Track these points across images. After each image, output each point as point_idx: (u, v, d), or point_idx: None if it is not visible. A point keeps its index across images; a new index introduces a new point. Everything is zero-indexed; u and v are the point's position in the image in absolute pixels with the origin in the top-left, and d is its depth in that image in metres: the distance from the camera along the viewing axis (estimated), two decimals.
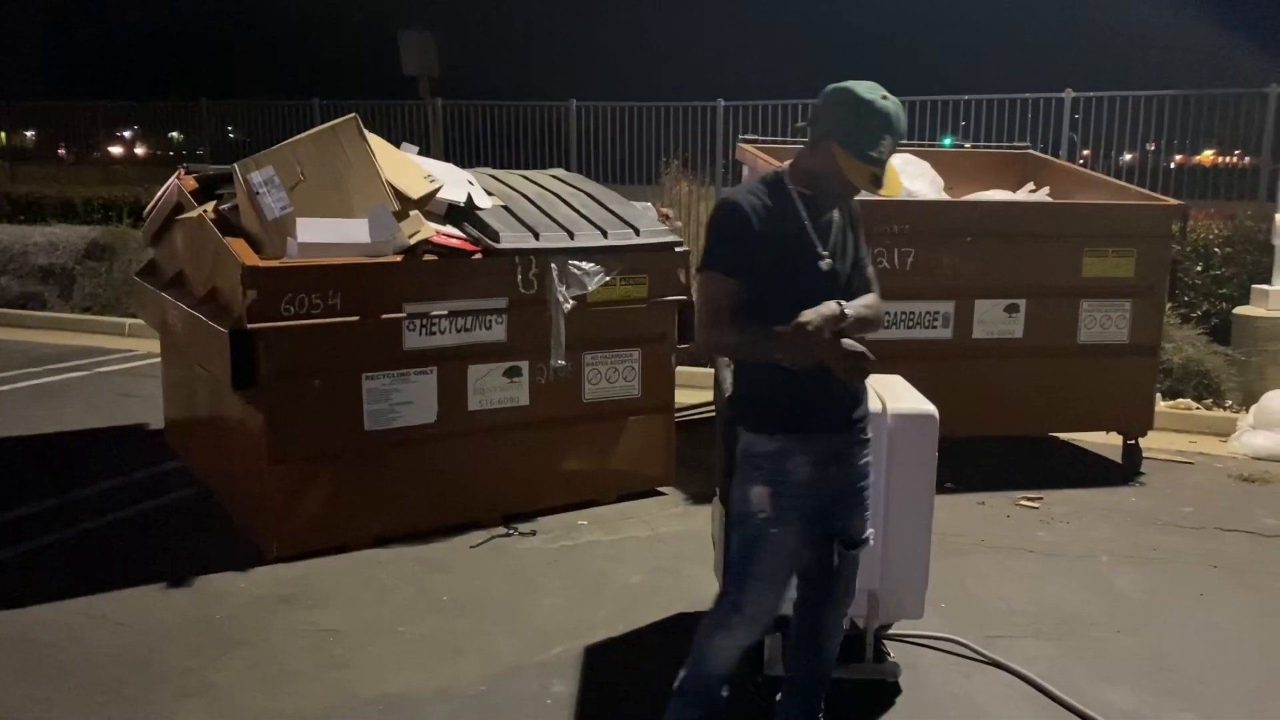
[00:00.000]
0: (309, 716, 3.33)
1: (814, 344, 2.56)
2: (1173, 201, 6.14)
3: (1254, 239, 8.36)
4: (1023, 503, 5.47)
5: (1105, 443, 6.34)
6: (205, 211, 4.86)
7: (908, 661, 3.58)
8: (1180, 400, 7.27)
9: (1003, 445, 6.15)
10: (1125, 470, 6.03)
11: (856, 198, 2.79)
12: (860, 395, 2.83)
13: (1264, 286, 7.59)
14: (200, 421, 5.49)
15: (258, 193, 4.60)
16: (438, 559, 4.62)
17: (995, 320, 5.74)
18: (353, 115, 4.82)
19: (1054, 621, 4.07)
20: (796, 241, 2.69)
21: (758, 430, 2.75)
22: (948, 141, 9.12)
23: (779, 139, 7.68)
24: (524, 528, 4.96)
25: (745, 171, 6.75)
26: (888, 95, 2.59)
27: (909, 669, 3.54)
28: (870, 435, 2.88)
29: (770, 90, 12.07)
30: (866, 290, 2.83)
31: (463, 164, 5.64)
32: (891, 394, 3.38)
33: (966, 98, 11.41)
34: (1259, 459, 6.30)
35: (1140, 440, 6.07)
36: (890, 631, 3.69)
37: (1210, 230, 8.64)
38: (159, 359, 6.34)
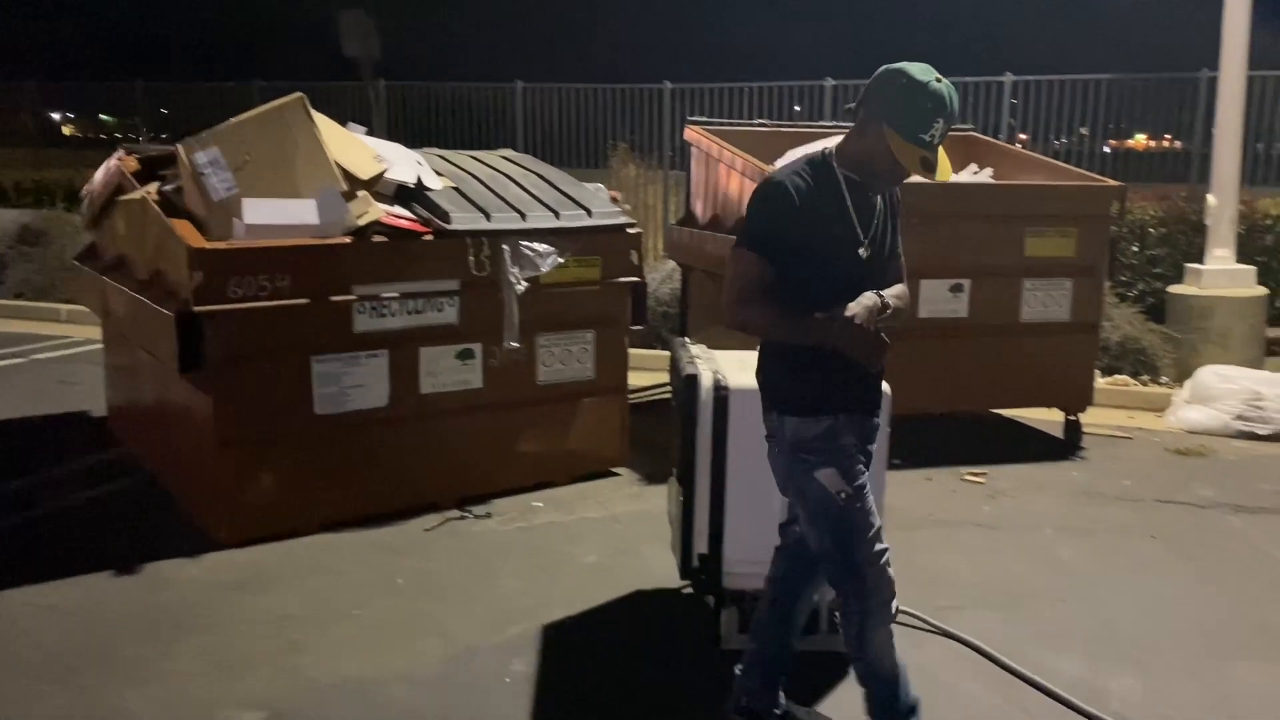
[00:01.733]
0: (265, 702, 3.29)
1: (854, 334, 2.57)
2: (1112, 182, 6.29)
3: (1187, 220, 8.61)
4: (968, 478, 5.59)
5: (1046, 419, 6.49)
6: (148, 193, 4.76)
7: None
8: (1118, 377, 7.46)
9: (947, 422, 6.26)
10: (1066, 445, 6.18)
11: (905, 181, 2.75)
12: (880, 381, 2.86)
13: (1197, 266, 7.79)
14: (146, 407, 5.38)
15: (203, 174, 4.50)
16: (392, 542, 4.60)
17: (940, 300, 5.83)
18: (299, 95, 4.74)
19: (1001, 592, 4.17)
20: (837, 227, 2.67)
21: (805, 414, 2.71)
22: None
23: (727, 121, 7.72)
24: (479, 510, 4.95)
25: (694, 153, 6.77)
26: (941, 78, 2.55)
27: None
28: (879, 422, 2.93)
29: (716, 73, 12.10)
30: (899, 279, 2.84)
31: (407, 147, 5.57)
32: None
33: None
34: (1193, 432, 6.48)
35: (1080, 416, 6.23)
36: None
37: (1146, 211, 8.87)
38: (98, 345, 6.20)
